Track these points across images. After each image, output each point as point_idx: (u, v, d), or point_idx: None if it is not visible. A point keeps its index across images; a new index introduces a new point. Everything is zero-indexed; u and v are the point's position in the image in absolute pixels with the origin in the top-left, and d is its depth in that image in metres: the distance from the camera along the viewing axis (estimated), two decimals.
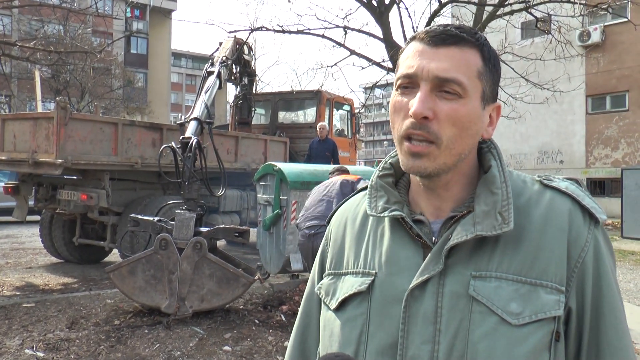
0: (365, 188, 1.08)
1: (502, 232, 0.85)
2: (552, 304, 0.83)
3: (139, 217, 5.52)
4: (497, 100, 0.97)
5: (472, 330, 0.83)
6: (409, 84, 0.90)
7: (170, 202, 7.02)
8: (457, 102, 0.87)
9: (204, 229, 5.41)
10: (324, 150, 9.62)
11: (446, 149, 0.88)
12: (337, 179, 5.46)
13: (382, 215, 0.96)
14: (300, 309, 1.13)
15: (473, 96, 0.89)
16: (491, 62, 0.92)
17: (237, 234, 5.49)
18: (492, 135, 0.96)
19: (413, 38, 0.93)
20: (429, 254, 0.89)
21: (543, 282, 0.84)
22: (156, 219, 5.49)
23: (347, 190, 5.26)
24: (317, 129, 9.91)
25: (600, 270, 0.87)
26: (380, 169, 1.02)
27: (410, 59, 0.90)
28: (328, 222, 1.14)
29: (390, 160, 1.01)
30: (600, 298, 0.87)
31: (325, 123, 10.35)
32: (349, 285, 0.97)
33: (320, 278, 1.08)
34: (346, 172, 5.77)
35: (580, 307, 0.86)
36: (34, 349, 4.40)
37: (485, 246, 0.88)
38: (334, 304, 0.98)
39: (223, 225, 6.00)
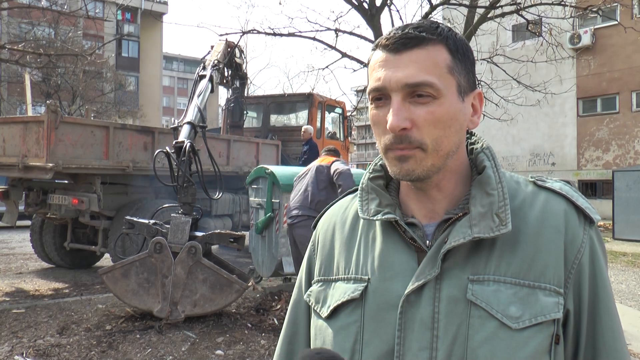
0: (353, 191, 1.07)
1: (500, 233, 0.84)
2: (552, 307, 0.82)
3: (134, 219, 5.49)
4: (477, 87, 0.94)
5: (471, 335, 0.82)
6: (381, 95, 0.88)
7: (166, 205, 6.99)
8: (433, 104, 0.85)
9: (199, 234, 5.38)
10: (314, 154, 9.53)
11: (433, 151, 0.86)
12: (314, 164, 5.53)
13: (374, 218, 0.94)
14: (286, 317, 1.09)
15: (448, 93, 0.86)
16: (459, 52, 0.89)
17: (232, 240, 5.46)
18: (485, 138, 0.94)
19: (376, 46, 0.91)
20: (425, 258, 0.87)
21: (542, 284, 0.84)
22: (151, 221, 5.46)
23: (322, 176, 5.33)
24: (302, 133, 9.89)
25: (596, 271, 0.87)
26: (370, 170, 1.00)
27: (377, 71, 0.88)
28: (314, 227, 1.11)
29: (380, 162, 0.99)
30: (596, 299, 0.86)
31: (308, 126, 10.26)
32: (341, 292, 0.94)
33: (309, 284, 1.05)
34: (335, 152, 5.77)
35: (577, 309, 0.86)
36: (24, 355, 4.35)
37: (482, 249, 0.86)
38: (325, 312, 0.95)
39: (218, 230, 5.97)
